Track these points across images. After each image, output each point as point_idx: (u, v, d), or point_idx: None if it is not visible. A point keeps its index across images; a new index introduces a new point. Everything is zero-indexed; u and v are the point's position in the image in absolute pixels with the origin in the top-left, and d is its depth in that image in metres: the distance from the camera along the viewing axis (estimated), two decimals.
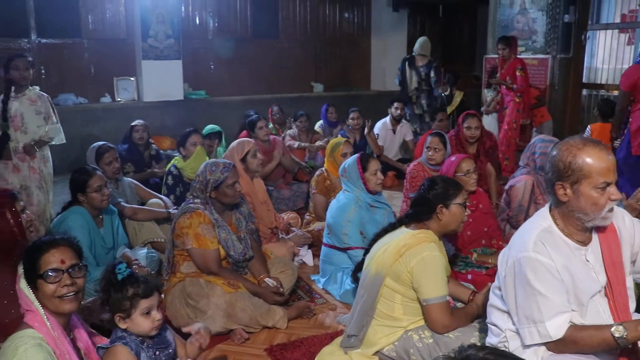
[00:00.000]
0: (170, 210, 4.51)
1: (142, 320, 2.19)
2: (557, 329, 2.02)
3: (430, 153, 4.71)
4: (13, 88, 4.65)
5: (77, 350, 2.16)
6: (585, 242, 2.15)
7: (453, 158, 3.97)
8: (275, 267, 3.73)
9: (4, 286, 2.49)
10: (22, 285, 2.09)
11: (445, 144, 4.76)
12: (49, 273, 2.07)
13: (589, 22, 7.94)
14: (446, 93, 8.52)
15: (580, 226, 2.12)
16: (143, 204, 4.59)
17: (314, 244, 4.62)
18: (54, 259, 2.09)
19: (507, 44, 7.05)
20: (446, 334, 2.69)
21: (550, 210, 2.19)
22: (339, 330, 3.39)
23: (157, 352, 2.27)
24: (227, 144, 5.98)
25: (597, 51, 8.22)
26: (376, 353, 2.85)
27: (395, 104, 7.20)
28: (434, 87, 7.75)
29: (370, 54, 10.73)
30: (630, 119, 5.29)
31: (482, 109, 7.90)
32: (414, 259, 2.69)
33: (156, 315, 2.22)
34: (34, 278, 2.08)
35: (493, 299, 2.31)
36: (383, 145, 7.06)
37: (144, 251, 4.04)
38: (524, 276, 2.06)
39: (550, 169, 2.12)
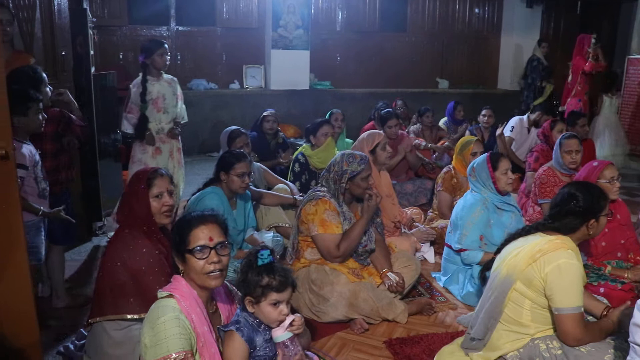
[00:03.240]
0: (296, 196, 4.60)
1: (269, 310, 2.18)
2: None
3: (572, 156, 4.46)
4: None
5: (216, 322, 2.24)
6: None
7: (595, 163, 3.74)
8: (400, 261, 3.72)
9: (150, 263, 2.62)
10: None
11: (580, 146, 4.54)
12: (198, 249, 2.13)
13: None
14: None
15: None
16: (270, 188, 4.73)
17: (436, 241, 4.57)
18: (203, 235, 2.14)
19: None
20: (577, 347, 2.55)
21: None
22: (459, 330, 3.34)
23: None
24: (353, 135, 6.03)
25: None
26: (499, 358, 2.76)
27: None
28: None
29: (499, 52, 10.40)
30: None
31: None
32: (549, 265, 2.57)
33: (284, 309, 2.19)
34: (183, 252, 2.15)
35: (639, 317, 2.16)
36: (514, 139, 6.83)
37: (270, 235, 4.15)
38: None
39: None
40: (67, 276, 3.88)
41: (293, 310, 2.32)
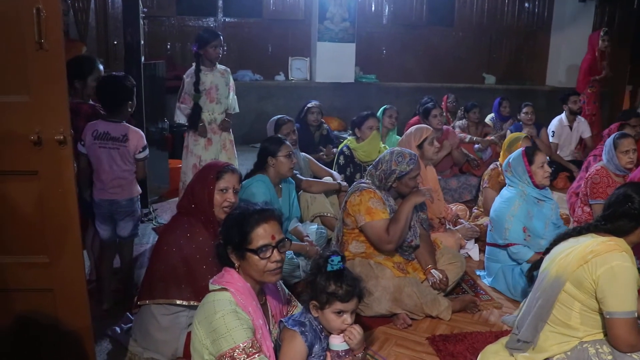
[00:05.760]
0: (339, 181, 4.61)
1: (333, 318, 2.16)
2: None
3: (629, 156, 4.35)
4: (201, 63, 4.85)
5: (266, 317, 2.24)
6: None
7: None
8: (445, 257, 3.69)
9: (205, 252, 2.64)
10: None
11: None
12: (262, 249, 2.11)
13: None
14: None
15: None
16: (314, 177, 4.74)
17: (481, 239, 4.50)
18: (265, 234, 2.12)
19: None
20: (630, 354, 2.48)
21: None
22: (503, 330, 3.29)
23: None
24: (398, 131, 5.98)
25: None
26: None
27: (573, 97, 6.83)
28: None
29: (549, 47, 10.12)
30: None
31: None
32: (601, 267, 2.50)
33: (347, 319, 2.17)
34: (243, 249, 2.13)
35: None
36: (558, 143, 6.70)
37: (314, 227, 4.16)
38: None
39: None
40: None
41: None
